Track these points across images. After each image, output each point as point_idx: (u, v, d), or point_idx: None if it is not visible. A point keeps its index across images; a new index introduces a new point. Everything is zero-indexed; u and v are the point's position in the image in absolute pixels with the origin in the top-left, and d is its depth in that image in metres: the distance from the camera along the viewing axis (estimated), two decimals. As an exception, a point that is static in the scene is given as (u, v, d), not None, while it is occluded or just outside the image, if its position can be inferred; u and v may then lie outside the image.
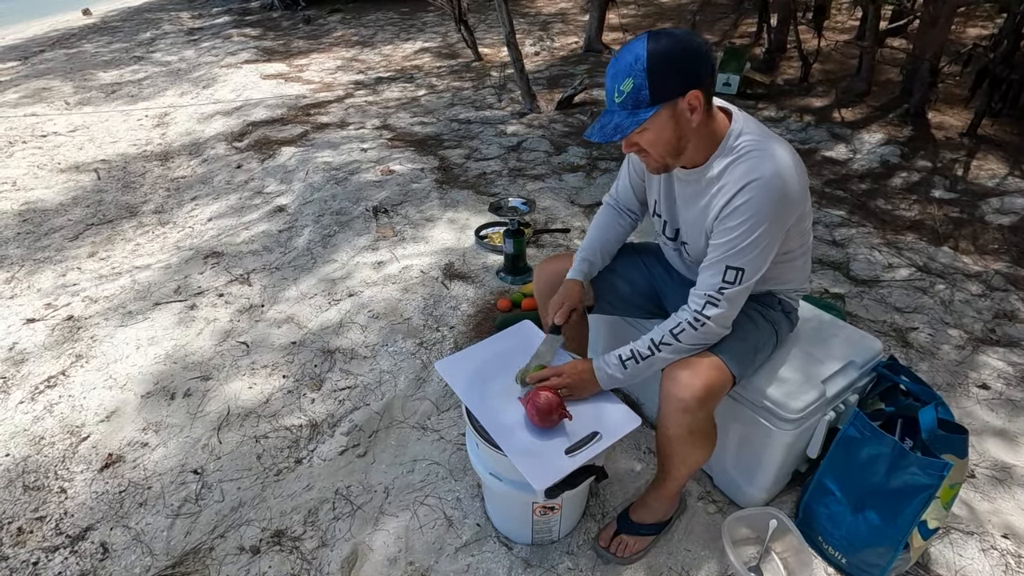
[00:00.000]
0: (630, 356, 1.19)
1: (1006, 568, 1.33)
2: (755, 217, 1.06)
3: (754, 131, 1.12)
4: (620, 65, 1.03)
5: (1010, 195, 2.86)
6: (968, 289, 2.27)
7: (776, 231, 1.09)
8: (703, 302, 1.13)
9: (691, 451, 1.22)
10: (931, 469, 1.14)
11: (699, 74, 1.03)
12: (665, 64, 1.00)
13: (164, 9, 9.70)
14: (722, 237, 1.10)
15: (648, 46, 1.00)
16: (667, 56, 1.00)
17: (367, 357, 2.03)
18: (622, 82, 1.03)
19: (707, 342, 1.17)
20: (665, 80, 1.01)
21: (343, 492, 1.57)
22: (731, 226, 1.08)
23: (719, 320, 1.13)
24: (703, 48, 1.03)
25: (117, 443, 1.76)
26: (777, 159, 1.07)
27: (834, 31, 5.46)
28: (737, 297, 1.12)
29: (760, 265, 1.10)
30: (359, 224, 2.85)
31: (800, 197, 1.09)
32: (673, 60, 1.00)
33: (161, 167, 3.85)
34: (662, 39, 1.00)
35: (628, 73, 1.02)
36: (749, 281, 1.11)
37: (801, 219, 1.16)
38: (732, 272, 1.10)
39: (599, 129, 1.08)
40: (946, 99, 3.90)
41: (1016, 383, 1.82)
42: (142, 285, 2.53)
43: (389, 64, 5.82)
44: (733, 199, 1.07)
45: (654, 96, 1.01)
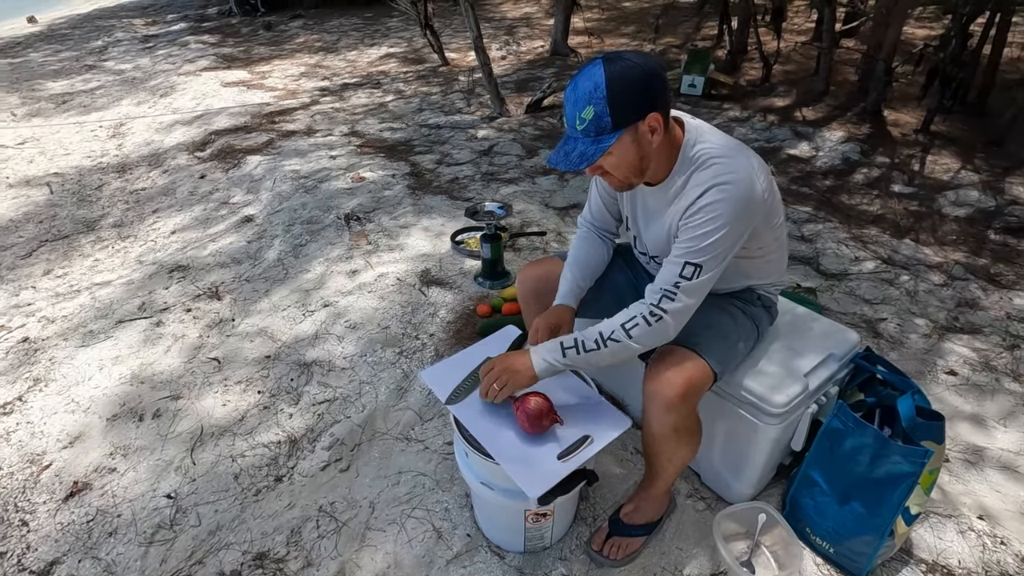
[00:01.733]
0: (572, 345, 1.16)
1: (983, 548, 1.37)
2: (719, 218, 1.07)
3: (709, 138, 1.13)
4: (579, 93, 1.03)
5: (964, 188, 2.98)
6: (931, 279, 2.35)
7: (738, 232, 1.10)
8: (659, 296, 1.12)
9: (677, 448, 1.22)
10: (913, 456, 1.17)
11: (656, 97, 1.04)
12: (624, 90, 1.01)
13: (116, 16, 9.38)
14: (685, 235, 1.11)
15: (606, 72, 1.00)
16: (625, 81, 1.00)
17: (345, 368, 1.98)
18: (583, 110, 1.03)
19: (658, 340, 1.15)
20: (625, 106, 1.02)
21: (327, 509, 1.53)
22: (694, 224, 1.09)
23: (675, 315, 1.12)
24: (659, 70, 1.04)
25: (83, 470, 1.67)
26: (737, 162, 1.09)
27: (792, 33, 5.63)
28: (694, 292, 1.11)
29: (718, 263, 1.11)
30: (331, 233, 2.79)
31: (762, 197, 1.10)
32: (631, 85, 1.01)
33: (119, 179, 3.70)
34: (618, 64, 1.01)
35: (588, 101, 1.02)
36: (705, 277, 1.10)
37: (769, 216, 1.18)
38: (690, 268, 1.10)
39: (564, 157, 1.08)
40: (900, 98, 4.05)
41: (981, 368, 1.89)
42: (103, 303, 2.42)
43: (355, 70, 5.74)
44: (697, 200, 1.09)
45: (616, 122, 1.03)
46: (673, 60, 5.10)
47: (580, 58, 5.47)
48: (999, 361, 1.92)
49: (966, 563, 1.34)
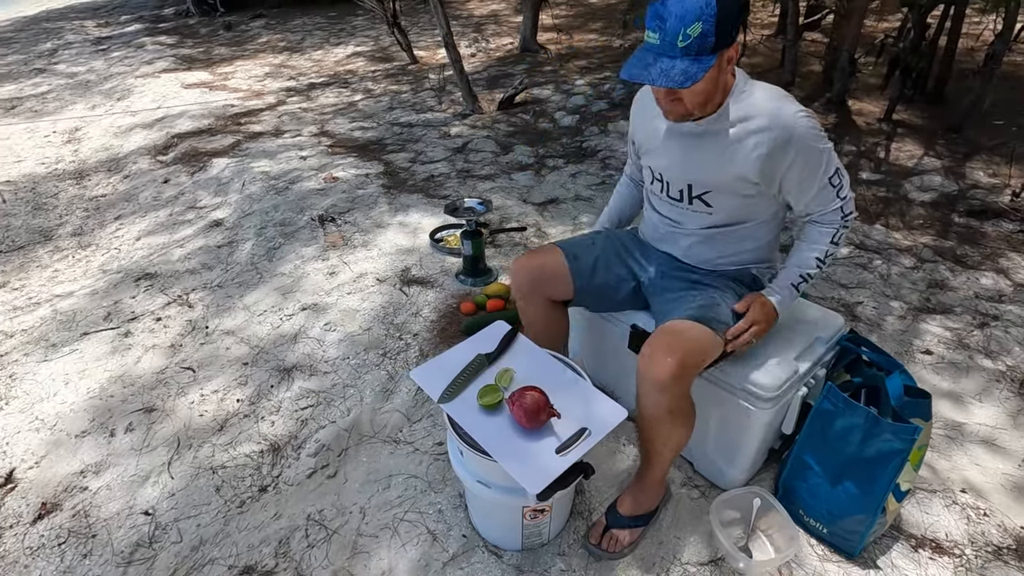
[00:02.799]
0: (802, 279, 1.30)
1: (968, 520, 1.40)
2: (813, 141, 1.15)
3: (752, 80, 1.19)
4: (688, 6, 0.99)
5: (928, 174, 3.07)
6: (902, 263, 2.41)
7: (822, 130, 1.18)
8: (838, 210, 1.24)
9: (672, 431, 1.22)
10: (903, 434, 1.19)
11: (739, 18, 1.05)
12: (729, 11, 1.00)
13: (65, 18, 8.99)
14: (809, 174, 1.18)
15: None
16: (730, 3, 1.00)
17: (328, 372, 1.92)
18: (690, 25, 1.00)
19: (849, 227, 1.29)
20: (727, 28, 1.02)
21: (315, 517, 1.48)
22: (809, 162, 1.17)
23: (853, 205, 1.27)
24: None
25: (52, 491, 1.58)
26: (782, 94, 1.18)
27: (757, 27, 5.73)
28: (847, 181, 1.24)
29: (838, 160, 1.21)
30: (306, 234, 2.71)
31: None
32: (733, 8, 1.01)
33: (76, 186, 3.54)
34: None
35: (698, 17, 0.99)
36: (841, 166, 1.21)
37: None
38: (836, 179, 1.20)
39: (662, 74, 1.03)
40: (863, 88, 4.17)
41: (955, 347, 1.94)
42: (65, 314, 2.30)
43: (321, 69, 5.62)
44: (787, 145, 1.14)
45: (717, 44, 1.02)
46: (642, 55, 5.14)
47: (550, 54, 5.47)
48: (971, 339, 1.98)
49: (953, 536, 1.37)
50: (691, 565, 1.32)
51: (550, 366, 1.29)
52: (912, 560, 1.32)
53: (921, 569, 1.30)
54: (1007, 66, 4.29)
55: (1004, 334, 1.98)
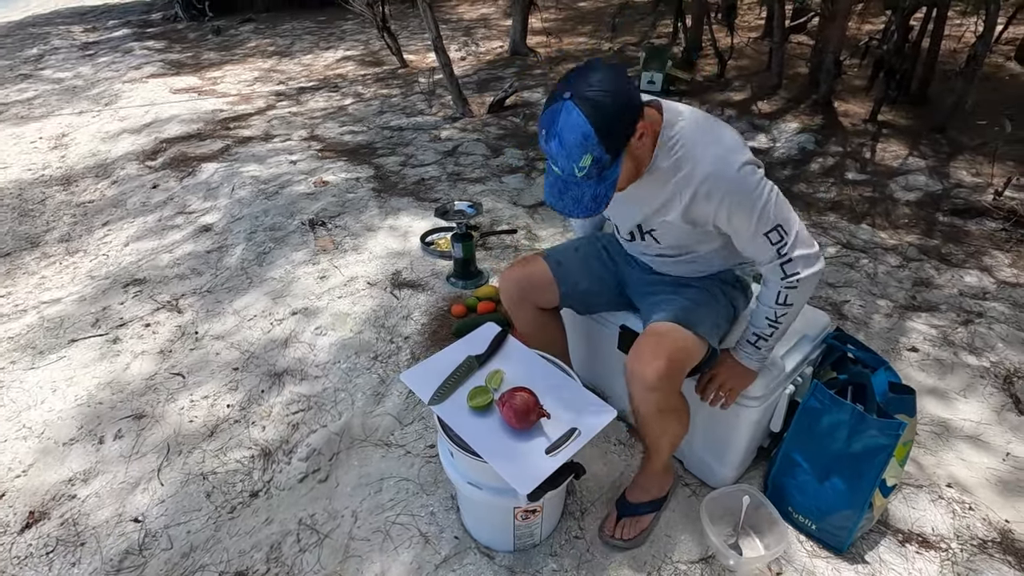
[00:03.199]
0: (756, 339, 1.23)
1: (954, 515, 1.42)
2: (750, 191, 1.08)
3: (687, 116, 1.12)
4: (570, 144, 0.98)
5: (912, 173, 3.12)
6: (888, 261, 2.44)
7: (763, 181, 1.11)
8: (778, 269, 1.15)
9: (664, 426, 1.26)
10: (888, 429, 1.21)
11: (635, 106, 1.01)
12: (610, 123, 0.98)
13: (51, 23, 8.91)
14: (741, 222, 1.11)
15: (586, 115, 0.96)
16: (607, 114, 0.97)
17: (319, 377, 1.92)
18: (579, 159, 0.99)
19: (813, 285, 1.18)
20: (617, 136, 1.00)
21: (307, 522, 1.47)
22: (739, 211, 1.10)
23: (804, 263, 1.14)
24: (622, 76, 1.00)
25: (39, 499, 1.57)
26: (719, 136, 1.11)
27: (744, 29, 5.79)
28: (799, 239, 1.12)
29: (787, 210, 1.12)
30: (296, 238, 2.71)
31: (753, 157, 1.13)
32: (614, 114, 0.98)
33: (64, 192, 3.51)
34: (590, 98, 0.96)
35: (583, 150, 0.98)
36: (791, 224, 1.11)
37: None
38: (775, 234, 1.11)
39: (575, 204, 1.05)
40: (849, 89, 4.22)
41: (940, 344, 1.97)
42: (53, 321, 2.28)
43: (311, 74, 5.61)
44: (710, 195, 1.09)
45: (613, 154, 1.01)
46: (631, 58, 5.17)
47: (539, 57, 5.49)
48: (956, 336, 2.01)
49: (939, 530, 1.39)
50: (682, 563, 1.33)
51: (540, 367, 1.29)
52: (899, 555, 1.33)
53: (908, 563, 1.32)
54: (988, 67, 4.36)
55: (988, 331, 2.01)
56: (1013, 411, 1.70)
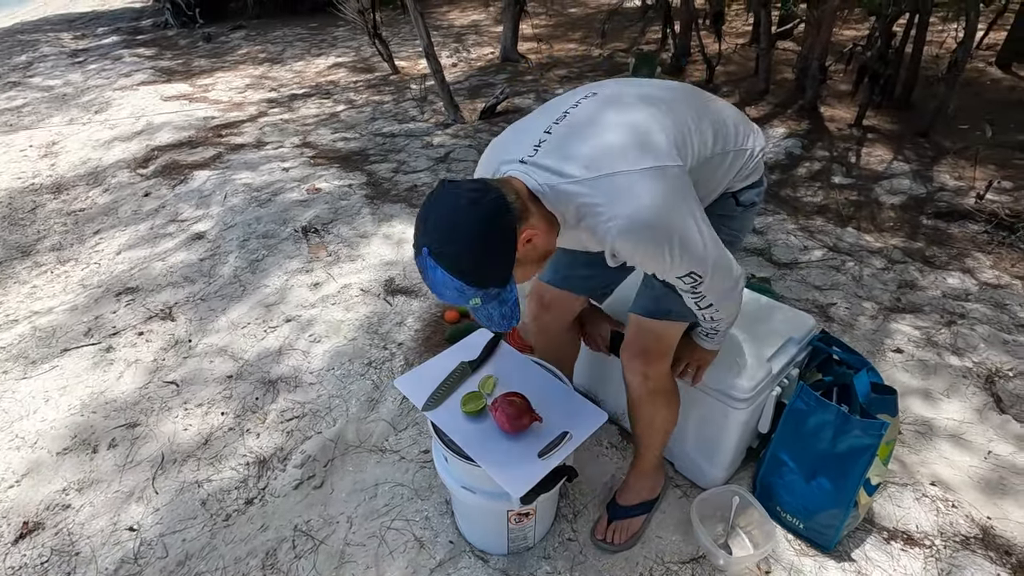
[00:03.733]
0: (707, 332, 1.22)
1: (937, 512, 1.46)
2: (647, 251, 0.95)
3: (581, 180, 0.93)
4: (449, 296, 0.91)
5: (897, 177, 3.17)
6: (873, 264, 2.49)
7: (668, 231, 0.93)
8: (694, 304, 1.09)
9: (654, 411, 1.29)
10: (871, 429, 1.24)
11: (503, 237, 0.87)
12: (478, 272, 0.88)
13: (40, 30, 8.87)
14: (653, 270, 1.02)
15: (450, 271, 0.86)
16: (473, 266, 0.87)
17: (313, 383, 1.93)
18: (468, 302, 0.91)
19: (736, 301, 1.12)
20: (492, 276, 0.89)
21: (302, 528, 1.49)
22: (647, 265, 1.01)
23: (719, 298, 1.06)
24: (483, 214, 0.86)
25: (33, 509, 1.57)
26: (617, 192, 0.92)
27: (732, 35, 5.86)
28: (715, 276, 1.01)
29: (698, 253, 0.96)
30: (289, 246, 2.72)
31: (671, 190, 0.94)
32: (479, 263, 0.87)
33: (55, 200, 3.50)
34: (446, 255, 0.86)
35: (466, 298, 0.90)
36: (704, 262, 0.98)
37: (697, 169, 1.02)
38: (687, 278, 1.00)
39: (488, 321, 0.96)
40: (834, 94, 4.28)
41: (924, 345, 2.01)
42: (45, 330, 2.28)
43: (302, 80, 5.62)
44: (621, 252, 0.96)
45: (500, 284, 0.91)
46: (621, 64, 5.23)
47: (530, 64, 5.53)
48: (939, 337, 2.05)
49: (923, 527, 1.42)
50: (673, 563, 1.36)
51: (532, 372, 1.32)
52: (885, 552, 1.37)
53: (893, 560, 1.35)
54: (970, 72, 4.44)
55: (970, 331, 2.05)
56: (995, 410, 1.74)
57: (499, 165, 1.00)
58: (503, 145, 1.07)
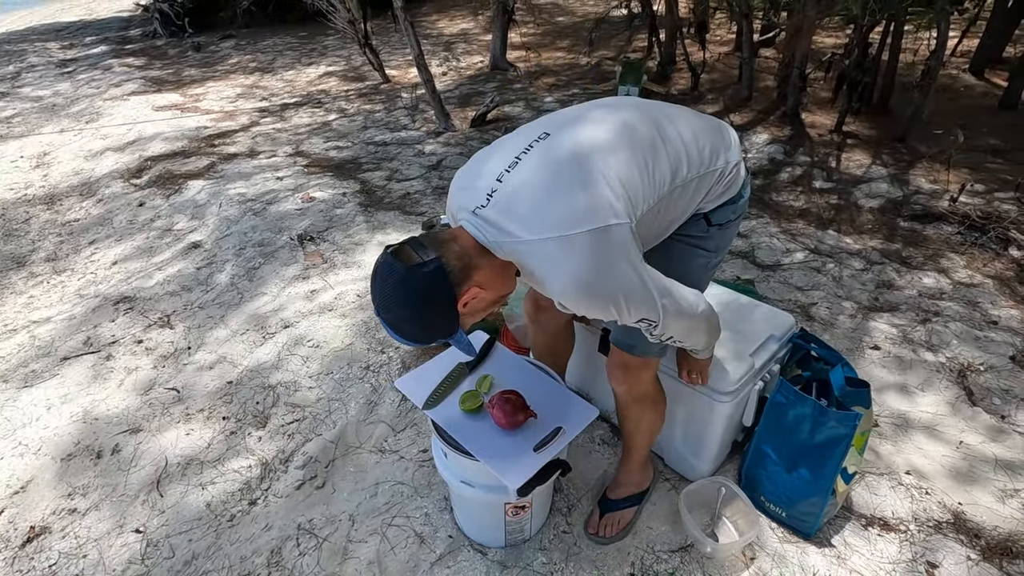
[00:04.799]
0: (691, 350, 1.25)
1: (912, 499, 1.54)
2: (594, 308, 0.97)
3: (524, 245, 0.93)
4: (408, 346, 1.02)
5: (875, 181, 3.28)
6: (853, 265, 2.58)
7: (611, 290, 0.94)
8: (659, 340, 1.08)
9: (640, 415, 1.35)
10: (846, 420, 1.31)
11: (441, 296, 0.91)
12: (422, 333, 0.96)
13: (27, 40, 8.84)
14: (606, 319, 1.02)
15: (398, 332, 0.95)
16: (416, 330, 0.95)
17: (312, 388, 1.98)
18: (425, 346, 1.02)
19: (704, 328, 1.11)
20: (432, 330, 0.96)
21: (305, 527, 1.53)
22: (598, 316, 1.01)
23: (684, 334, 1.07)
24: (419, 284, 0.90)
25: (39, 514, 1.61)
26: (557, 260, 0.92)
27: (716, 44, 5.99)
28: (673, 316, 1.00)
29: (643, 298, 0.96)
30: (285, 254, 2.77)
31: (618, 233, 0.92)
32: (421, 328, 0.95)
33: (48, 211, 3.52)
34: (391, 324, 0.94)
35: (421, 345, 1.05)
36: (655, 308, 0.98)
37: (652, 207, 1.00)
38: (642, 323, 1.00)
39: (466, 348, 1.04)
40: (815, 101, 4.41)
41: (901, 342, 2.10)
42: (44, 340, 2.31)
43: (294, 89, 5.67)
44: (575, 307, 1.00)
45: (445, 335, 0.98)
46: (608, 71, 5.33)
47: (520, 72, 5.62)
48: (915, 334, 2.14)
49: (898, 514, 1.50)
50: (663, 552, 1.42)
51: (526, 371, 1.38)
52: (863, 537, 1.44)
53: (871, 545, 1.42)
54: (945, 78, 4.59)
55: (944, 328, 2.15)
56: (966, 403, 1.83)
57: (458, 211, 1.02)
58: (462, 185, 1.04)
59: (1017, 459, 1.64)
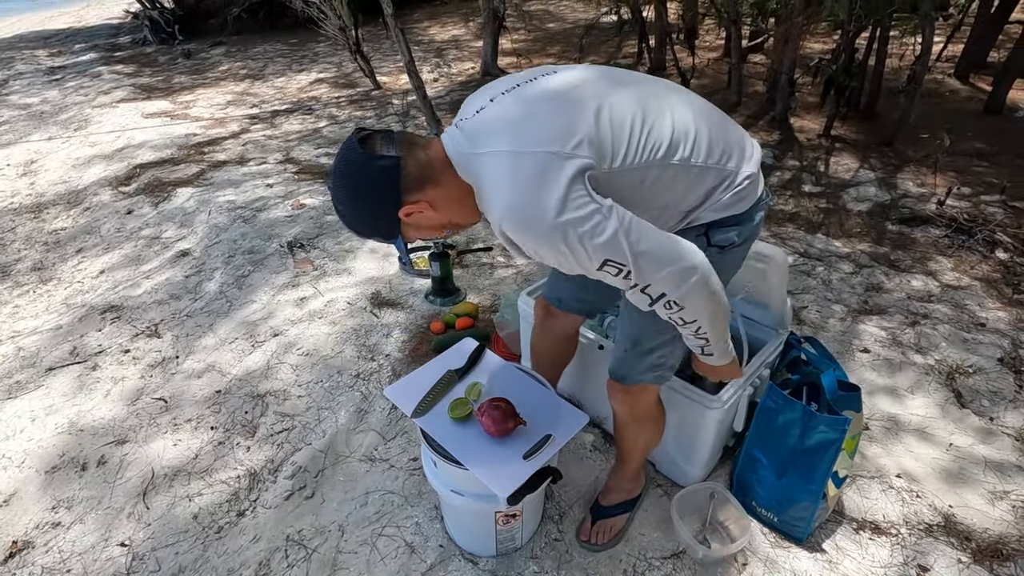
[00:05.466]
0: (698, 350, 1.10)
1: (903, 502, 1.54)
2: (541, 246, 0.89)
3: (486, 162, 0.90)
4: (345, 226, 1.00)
5: (863, 185, 3.31)
6: (842, 269, 2.60)
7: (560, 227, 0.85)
8: (644, 297, 0.95)
9: (639, 433, 1.35)
10: (836, 425, 1.31)
11: (381, 199, 0.89)
12: (363, 227, 0.96)
13: (15, 47, 8.79)
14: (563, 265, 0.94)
15: (338, 213, 0.96)
16: (358, 222, 0.96)
17: (302, 396, 1.96)
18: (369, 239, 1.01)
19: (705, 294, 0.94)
20: (369, 228, 0.96)
21: (294, 538, 1.51)
22: (548, 259, 0.93)
23: (672, 284, 0.91)
24: (366, 178, 0.89)
25: (22, 528, 1.58)
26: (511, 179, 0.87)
27: (705, 50, 6.04)
28: (649, 261, 0.88)
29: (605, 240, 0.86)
30: (275, 262, 2.75)
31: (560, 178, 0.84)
32: (363, 222, 0.95)
33: (34, 220, 3.48)
34: (335, 195, 0.94)
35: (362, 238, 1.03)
36: (619, 252, 0.87)
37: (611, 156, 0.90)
38: (608, 267, 0.89)
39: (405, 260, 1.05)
40: (803, 106, 4.44)
41: (890, 345, 2.11)
42: (29, 351, 2.28)
43: (284, 96, 5.66)
44: (521, 248, 0.93)
45: (384, 238, 0.98)
46: (598, 78, 5.35)
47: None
48: (904, 337, 2.15)
49: (889, 517, 1.50)
50: (655, 559, 1.41)
51: (516, 379, 1.37)
52: (854, 541, 1.44)
53: (862, 549, 1.42)
54: (931, 83, 4.65)
55: (932, 331, 2.16)
56: (955, 405, 1.84)
57: (456, 122, 0.99)
58: (466, 101, 1.03)
59: (1006, 460, 1.64)
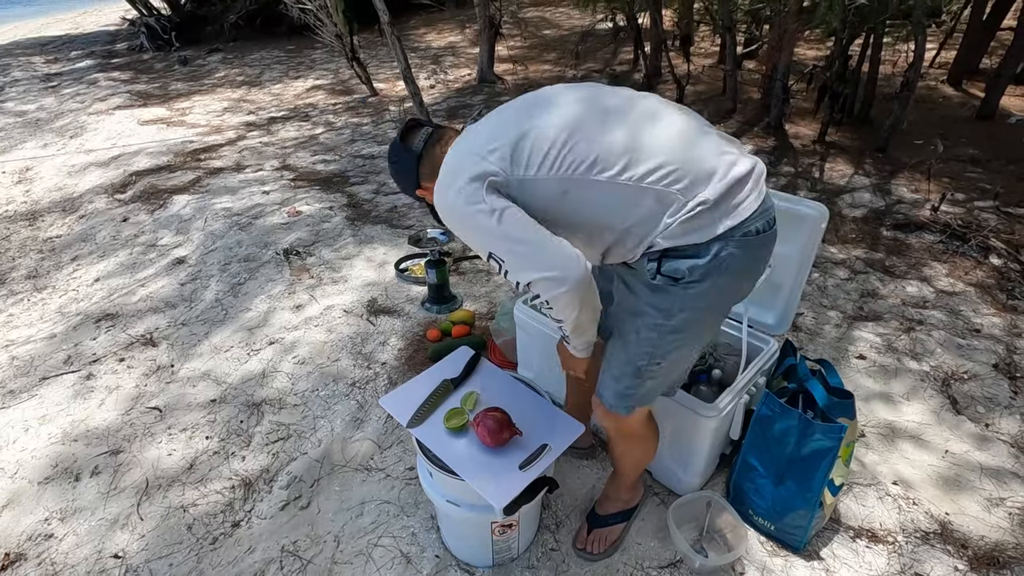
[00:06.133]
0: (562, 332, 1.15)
1: (899, 509, 1.54)
2: (453, 223, 1.06)
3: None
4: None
5: (858, 191, 3.32)
6: (837, 275, 2.60)
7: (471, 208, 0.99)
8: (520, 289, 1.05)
9: (630, 449, 1.34)
10: (831, 433, 1.32)
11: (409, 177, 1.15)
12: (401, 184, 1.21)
13: (11, 54, 8.79)
14: None
15: (389, 167, 1.22)
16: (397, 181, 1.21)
17: (298, 405, 1.96)
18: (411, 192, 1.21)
19: (570, 303, 1.01)
20: (407, 190, 1.20)
21: (289, 549, 1.51)
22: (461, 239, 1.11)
23: (543, 289, 0.99)
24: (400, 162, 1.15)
25: (15, 540, 1.56)
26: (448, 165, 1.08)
27: (700, 56, 6.07)
28: (524, 263, 0.99)
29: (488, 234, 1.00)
30: (271, 269, 2.74)
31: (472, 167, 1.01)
32: (398, 181, 1.21)
33: (29, 228, 3.47)
34: (390, 159, 1.20)
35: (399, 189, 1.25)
36: (500, 248, 1.00)
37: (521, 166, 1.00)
38: (492, 260, 1.03)
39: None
40: (798, 112, 4.47)
41: (885, 351, 2.12)
42: (23, 359, 2.27)
43: (281, 103, 5.67)
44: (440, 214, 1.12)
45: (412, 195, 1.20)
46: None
47: (507, 85, 5.66)
48: (899, 343, 2.15)
49: (886, 525, 1.50)
50: (652, 568, 1.41)
51: (512, 388, 1.37)
52: (851, 549, 1.44)
53: (859, 557, 1.42)
54: (924, 89, 4.68)
55: (927, 337, 2.17)
56: (951, 411, 1.84)
57: None
58: None
59: (1002, 467, 1.65)
